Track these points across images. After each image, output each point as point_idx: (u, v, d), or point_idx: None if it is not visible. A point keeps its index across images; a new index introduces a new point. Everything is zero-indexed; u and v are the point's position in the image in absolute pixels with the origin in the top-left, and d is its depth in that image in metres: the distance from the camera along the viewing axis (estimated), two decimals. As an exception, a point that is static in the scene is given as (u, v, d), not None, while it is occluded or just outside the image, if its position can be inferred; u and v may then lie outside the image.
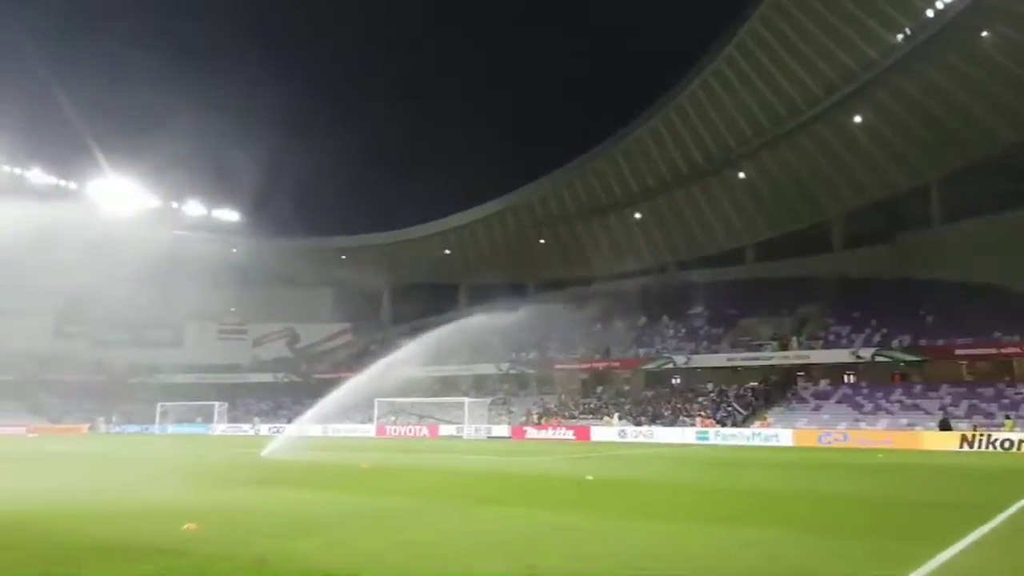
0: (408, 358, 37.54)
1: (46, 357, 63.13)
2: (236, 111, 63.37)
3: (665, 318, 58.26)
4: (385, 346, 56.35)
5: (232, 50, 60.88)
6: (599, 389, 56.51)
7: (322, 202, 63.09)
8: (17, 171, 53.98)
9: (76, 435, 54.99)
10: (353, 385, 36.29)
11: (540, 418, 51.30)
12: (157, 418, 59.32)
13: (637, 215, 62.23)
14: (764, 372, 49.92)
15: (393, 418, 54.49)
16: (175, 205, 63.34)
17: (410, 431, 52.27)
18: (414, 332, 46.44)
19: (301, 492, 17.34)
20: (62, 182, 56.47)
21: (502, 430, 49.42)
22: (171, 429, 58.55)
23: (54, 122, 53.29)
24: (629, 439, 44.00)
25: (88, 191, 56.46)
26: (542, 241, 67.85)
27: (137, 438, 51.54)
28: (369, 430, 52.20)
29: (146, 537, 10.91)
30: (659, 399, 51.12)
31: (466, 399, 52.36)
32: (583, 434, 45.96)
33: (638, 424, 46.68)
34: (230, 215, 67.74)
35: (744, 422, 44.41)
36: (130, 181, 57.21)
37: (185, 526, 11.35)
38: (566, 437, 46.22)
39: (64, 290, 60.04)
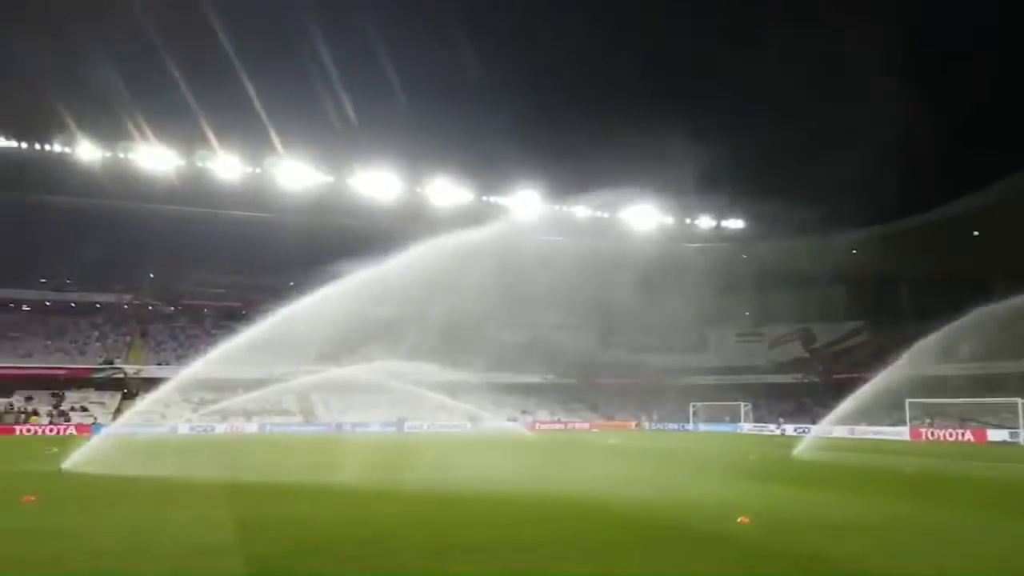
0: (930, 354, 33.96)
1: (595, 363, 73.02)
2: (721, 131, 64.86)
3: None
4: (906, 343, 51.58)
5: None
6: None
7: (823, 197, 60.45)
8: (565, 208, 64.45)
9: (626, 431, 62.39)
10: (877, 385, 34.31)
11: None
12: (690, 417, 64.03)
13: None
14: None
15: (928, 420, 49.61)
16: (688, 221, 68.58)
17: (950, 435, 47.00)
18: (937, 327, 41.70)
19: (841, 493, 17.38)
20: (598, 214, 65.59)
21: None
22: (703, 427, 62.64)
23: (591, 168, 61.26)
24: None
25: (621, 217, 64.68)
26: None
27: (675, 434, 56.40)
28: (901, 433, 48.43)
29: (702, 526, 12.33)
30: None
31: (1020, 400, 45.02)
32: None
33: None
34: (736, 223, 70.15)
35: None
36: (650, 206, 63.88)
37: (739, 519, 12.49)
38: None
39: (605, 305, 68.67)
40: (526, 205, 61.80)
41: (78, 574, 8.60)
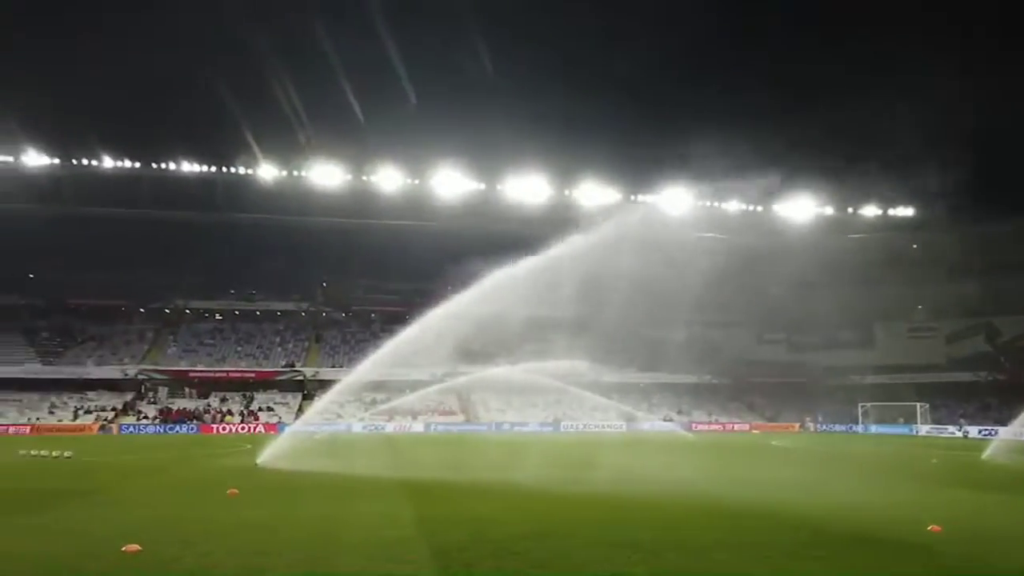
0: None
1: (753, 362, 70.21)
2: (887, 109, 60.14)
3: None
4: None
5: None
6: None
7: (1006, 180, 54.96)
8: (716, 204, 62.55)
9: (789, 432, 59.57)
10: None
11: None
12: (859, 418, 60.08)
13: None
14: None
15: None
16: (850, 211, 64.59)
17: None
18: None
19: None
20: (751, 207, 63.15)
21: None
22: (873, 429, 58.56)
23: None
24: None
25: (775, 210, 61.99)
26: None
27: (844, 437, 53.18)
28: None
29: (888, 534, 11.50)
30: None
31: None
32: None
33: None
34: (905, 211, 65.23)
35: None
36: (807, 197, 60.73)
37: (929, 527, 11.57)
38: None
39: (761, 301, 65.96)
40: (675, 202, 60.49)
41: (283, 561, 9.26)
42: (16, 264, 66.33)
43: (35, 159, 55.39)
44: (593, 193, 60.27)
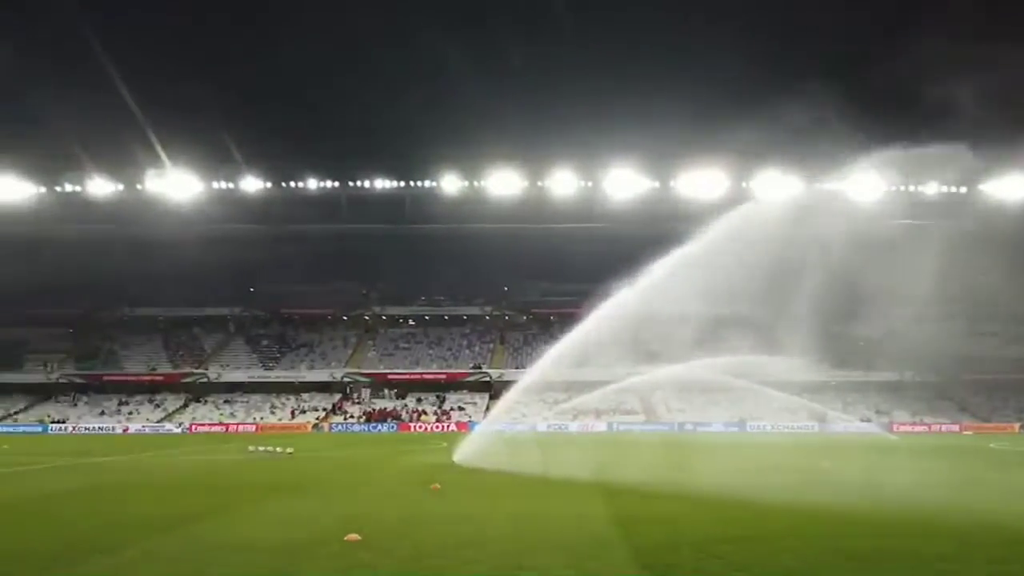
0: None
1: (963, 358, 63.55)
2: None
3: None
4: None
5: None
6: None
7: None
8: (912, 188, 57.42)
9: (1008, 433, 53.48)
10: None
11: None
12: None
13: None
14: None
15: None
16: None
17: None
18: None
19: None
20: (953, 189, 57.52)
21: None
22: (1115, 430, 51.07)
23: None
24: None
25: (982, 190, 56.14)
26: None
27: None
28: None
29: None
30: None
31: None
32: None
33: None
34: None
35: None
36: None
37: None
38: None
39: (972, 292, 59.69)
40: (865, 188, 56.06)
41: (488, 554, 9.58)
42: (240, 279, 74.11)
43: (252, 184, 61.56)
44: (774, 183, 57.34)
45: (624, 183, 59.17)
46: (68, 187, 61.44)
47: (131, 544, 10.12)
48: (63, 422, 59.46)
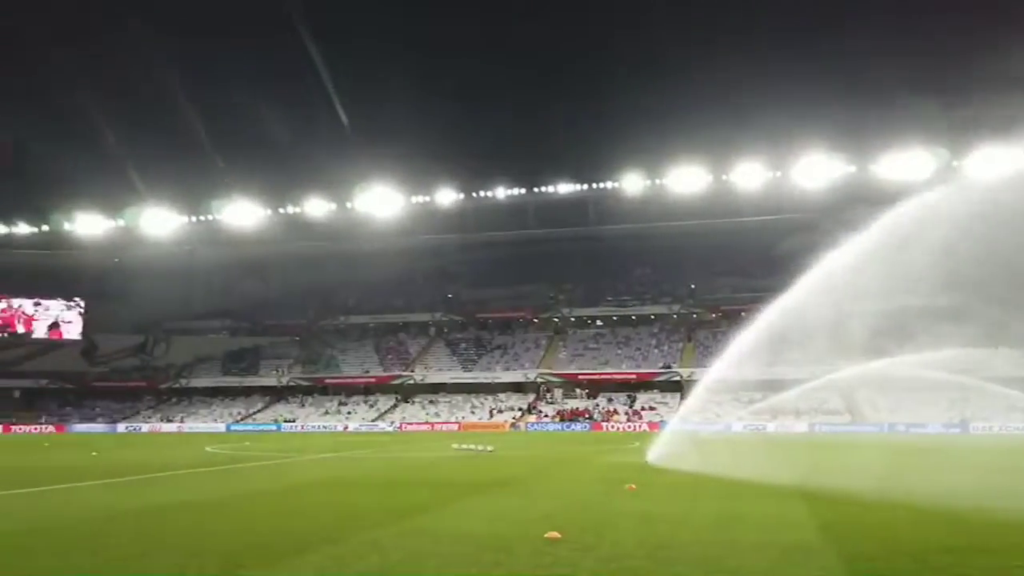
0: None
1: None
2: None
3: None
4: None
5: None
6: None
7: None
8: None
9: None
10: None
11: None
12: None
13: None
14: None
15: None
16: None
17: None
18: None
19: None
20: None
21: None
22: None
23: None
24: None
25: None
26: None
27: None
28: None
29: None
30: None
31: None
32: None
33: None
34: None
35: None
36: None
37: None
38: None
39: None
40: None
41: (687, 555, 9.53)
42: (439, 286, 78.54)
43: (446, 196, 65.03)
44: (989, 160, 51.28)
45: (816, 170, 55.67)
46: (291, 208, 68.50)
47: (356, 534, 11.12)
48: (293, 421, 66.09)
